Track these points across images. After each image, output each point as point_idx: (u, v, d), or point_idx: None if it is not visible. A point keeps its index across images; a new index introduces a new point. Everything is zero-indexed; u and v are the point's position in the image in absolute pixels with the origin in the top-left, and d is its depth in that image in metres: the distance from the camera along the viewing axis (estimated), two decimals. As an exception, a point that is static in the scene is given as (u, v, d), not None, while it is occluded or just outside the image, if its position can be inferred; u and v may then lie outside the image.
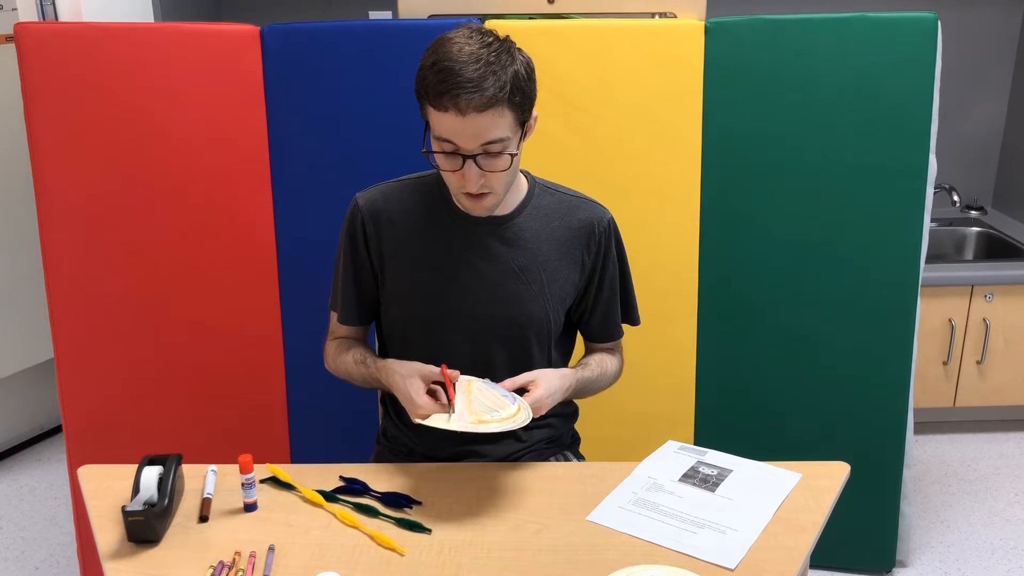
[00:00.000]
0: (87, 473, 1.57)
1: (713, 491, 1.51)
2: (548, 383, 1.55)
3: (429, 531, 1.41)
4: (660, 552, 1.36)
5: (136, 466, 1.47)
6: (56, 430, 3.26)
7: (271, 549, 1.36)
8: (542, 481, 1.55)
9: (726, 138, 2.18)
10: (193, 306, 2.20)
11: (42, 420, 3.23)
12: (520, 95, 1.45)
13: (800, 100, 2.15)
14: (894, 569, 2.51)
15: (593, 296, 1.71)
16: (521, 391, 1.54)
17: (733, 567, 1.32)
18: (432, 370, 1.54)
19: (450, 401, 1.49)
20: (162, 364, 2.22)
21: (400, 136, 2.12)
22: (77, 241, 2.13)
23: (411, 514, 1.46)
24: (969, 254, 3.44)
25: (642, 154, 2.19)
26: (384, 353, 1.73)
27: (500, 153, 1.46)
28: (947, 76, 2.78)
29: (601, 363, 1.73)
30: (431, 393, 1.51)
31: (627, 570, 1.31)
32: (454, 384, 1.52)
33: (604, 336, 1.76)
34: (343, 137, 2.15)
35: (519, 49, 1.48)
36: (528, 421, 1.46)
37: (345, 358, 1.69)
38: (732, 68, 2.14)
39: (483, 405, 1.47)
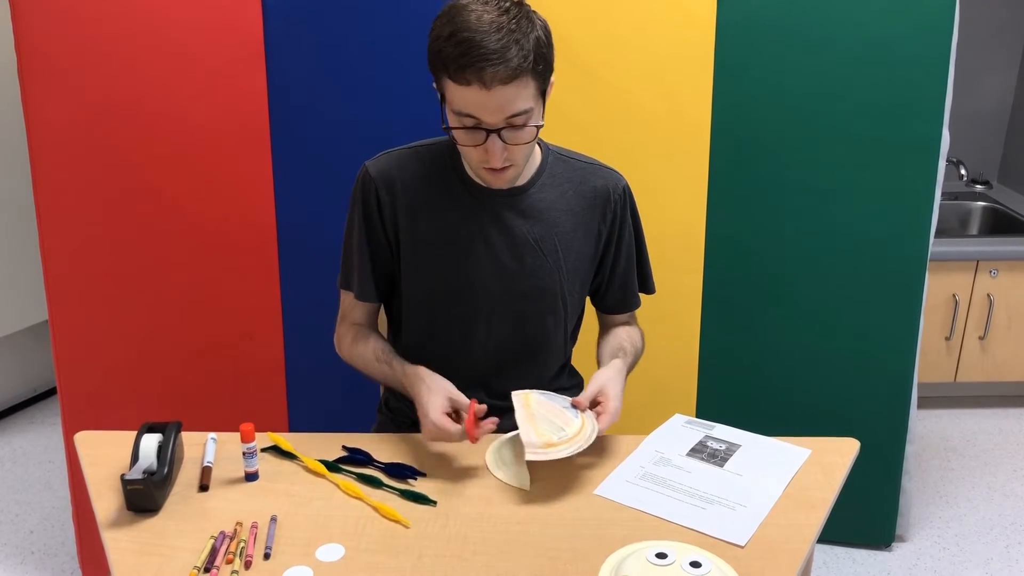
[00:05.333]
0: (84, 439, 1.54)
1: (721, 466, 1.49)
2: (615, 387, 1.49)
3: (434, 503, 1.38)
4: (668, 528, 1.34)
5: (135, 433, 1.44)
6: (50, 393, 3.23)
7: (273, 520, 1.34)
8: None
9: (736, 106, 2.14)
10: (191, 270, 2.16)
11: (36, 383, 3.20)
12: (543, 63, 1.39)
13: (813, 68, 2.11)
14: (893, 544, 2.51)
15: (610, 266, 1.67)
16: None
17: (743, 544, 1.30)
18: (460, 399, 1.47)
19: (469, 436, 1.43)
20: (158, 328, 2.19)
21: (405, 97, 2.07)
22: (72, 201, 2.08)
23: (415, 485, 1.43)
24: (974, 229, 3.41)
25: (651, 120, 2.14)
26: (394, 330, 1.69)
27: (523, 126, 1.41)
28: (957, 47, 2.73)
29: (632, 342, 1.69)
30: (452, 413, 1.46)
31: (635, 546, 1.29)
32: (480, 417, 1.46)
33: (622, 307, 1.72)
34: (345, 98, 2.10)
35: (535, 12, 1.42)
36: (595, 436, 1.42)
37: (364, 352, 1.61)
38: (744, 33, 2.09)
39: (548, 423, 1.43)
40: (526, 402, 1.49)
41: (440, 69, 1.38)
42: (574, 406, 1.48)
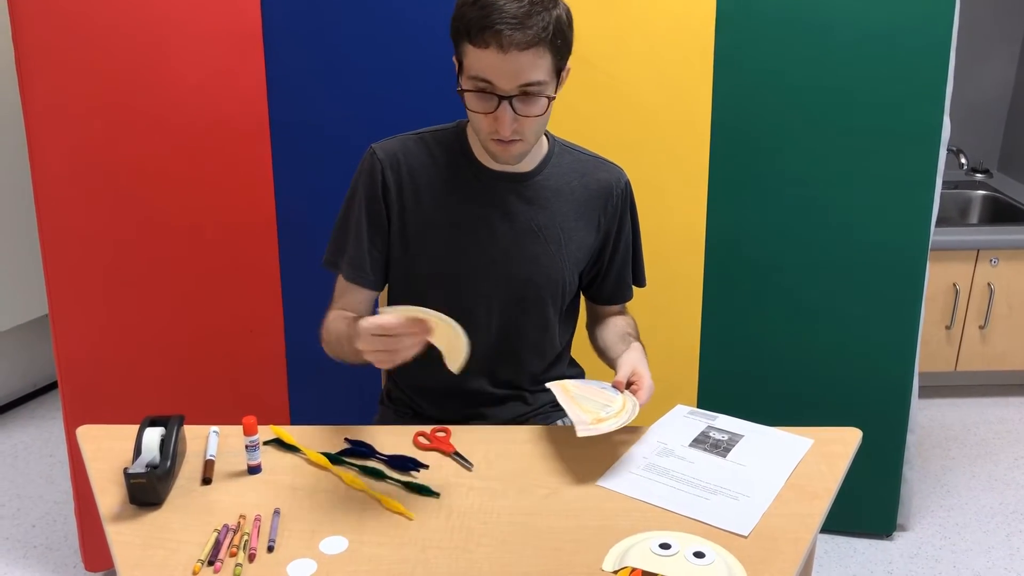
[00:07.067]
0: (86, 433, 1.54)
1: (724, 456, 1.49)
2: (644, 366, 1.54)
3: (437, 495, 1.38)
4: (672, 518, 1.34)
5: (137, 427, 1.44)
6: (50, 387, 3.23)
7: (276, 512, 1.34)
8: (550, 445, 1.53)
9: (736, 98, 2.14)
10: (192, 263, 2.16)
11: (36, 377, 3.20)
12: (561, 39, 1.41)
13: (813, 58, 2.11)
14: (894, 533, 2.51)
15: (608, 259, 1.68)
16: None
17: (747, 534, 1.30)
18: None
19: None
20: (159, 322, 2.18)
21: (404, 90, 2.07)
22: (72, 195, 2.07)
23: (418, 477, 1.43)
24: (974, 218, 3.41)
25: (651, 112, 2.14)
26: None
27: (536, 96, 1.42)
28: (957, 36, 2.73)
29: (633, 328, 1.72)
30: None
31: (639, 536, 1.29)
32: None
33: (616, 298, 1.74)
34: (344, 91, 2.10)
35: None
36: (637, 411, 1.46)
37: (337, 321, 1.57)
38: (744, 24, 2.09)
39: (591, 402, 1.47)
40: (564, 388, 1.53)
41: (461, 34, 1.40)
42: (614, 387, 1.52)
